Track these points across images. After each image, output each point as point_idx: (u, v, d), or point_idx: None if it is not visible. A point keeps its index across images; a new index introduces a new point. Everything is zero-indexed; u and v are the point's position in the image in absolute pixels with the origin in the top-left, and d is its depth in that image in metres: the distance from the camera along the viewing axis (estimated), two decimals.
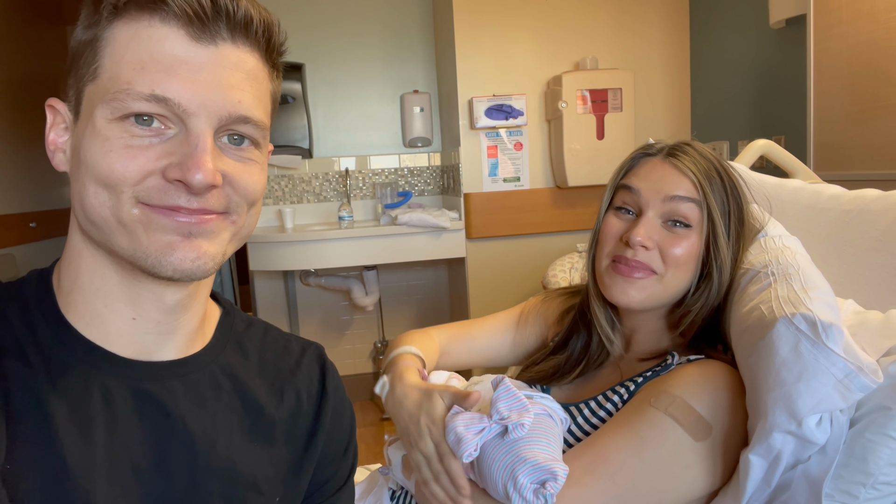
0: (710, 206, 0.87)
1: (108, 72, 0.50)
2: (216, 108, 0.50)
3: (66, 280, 0.56)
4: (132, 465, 0.53)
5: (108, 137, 0.49)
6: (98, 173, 0.49)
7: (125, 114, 0.49)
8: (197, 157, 0.49)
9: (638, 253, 0.87)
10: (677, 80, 2.88)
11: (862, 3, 1.73)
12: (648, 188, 0.89)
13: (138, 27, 0.49)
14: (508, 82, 2.71)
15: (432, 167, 3.15)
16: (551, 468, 0.71)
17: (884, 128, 1.71)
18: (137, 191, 0.50)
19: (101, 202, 0.50)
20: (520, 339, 1.12)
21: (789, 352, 0.72)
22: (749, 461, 0.74)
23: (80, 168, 0.51)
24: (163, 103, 0.49)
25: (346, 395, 0.73)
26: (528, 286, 2.76)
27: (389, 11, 3.02)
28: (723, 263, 0.87)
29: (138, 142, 0.49)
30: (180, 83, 0.49)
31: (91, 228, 0.52)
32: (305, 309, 3.14)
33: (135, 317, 0.55)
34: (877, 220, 0.99)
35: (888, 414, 0.71)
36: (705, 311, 0.89)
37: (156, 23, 0.49)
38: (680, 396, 0.79)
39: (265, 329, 0.69)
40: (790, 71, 2.24)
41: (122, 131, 0.49)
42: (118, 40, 0.50)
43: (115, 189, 0.49)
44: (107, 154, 0.49)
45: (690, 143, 0.92)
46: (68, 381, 0.52)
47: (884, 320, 0.81)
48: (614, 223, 0.92)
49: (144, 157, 0.49)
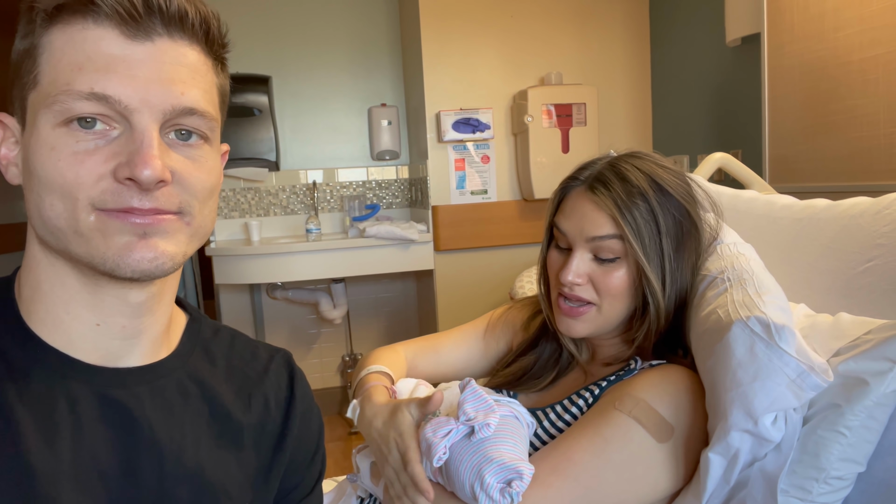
0: (628, 239, 0.86)
1: (46, 77, 0.50)
2: (158, 101, 0.50)
3: (26, 289, 0.55)
4: (99, 472, 0.52)
5: (53, 146, 0.49)
6: (50, 183, 0.49)
7: (68, 118, 0.49)
8: (143, 154, 0.49)
9: (574, 289, 0.91)
10: (639, 95, 2.96)
11: (812, 23, 1.81)
12: (573, 228, 0.91)
13: (72, 31, 0.50)
14: (475, 96, 2.75)
15: (400, 180, 3.17)
16: (517, 467, 0.72)
17: (833, 142, 1.79)
18: (92, 197, 0.49)
19: (56, 213, 0.50)
20: (488, 348, 1.13)
21: (745, 353, 0.75)
22: (709, 460, 0.77)
23: (31, 178, 0.51)
24: (103, 101, 0.49)
25: (315, 402, 0.73)
26: (496, 297, 2.78)
27: (357, 25, 3.04)
28: (654, 289, 0.88)
29: (84, 146, 0.49)
30: (119, 80, 0.49)
31: (49, 237, 0.52)
32: (272, 322, 3.11)
33: (98, 322, 0.55)
34: (826, 228, 1.03)
35: (838, 411, 0.74)
36: (653, 328, 0.91)
37: (89, 25, 0.49)
38: (643, 399, 0.82)
39: (232, 336, 0.69)
40: (746, 87, 2.32)
41: (67, 137, 0.49)
42: (54, 45, 0.50)
43: (69, 197, 0.49)
44: (56, 163, 0.49)
45: (619, 164, 0.91)
46: (33, 389, 0.52)
47: (833, 323, 0.85)
48: (555, 258, 0.95)
49: (92, 161, 0.49)
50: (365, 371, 1.00)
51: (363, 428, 0.90)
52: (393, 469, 0.81)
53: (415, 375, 1.09)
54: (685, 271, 0.91)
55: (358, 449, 0.98)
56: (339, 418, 3.13)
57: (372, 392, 0.93)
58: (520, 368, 1.02)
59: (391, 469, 0.82)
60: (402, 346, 1.12)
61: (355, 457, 0.97)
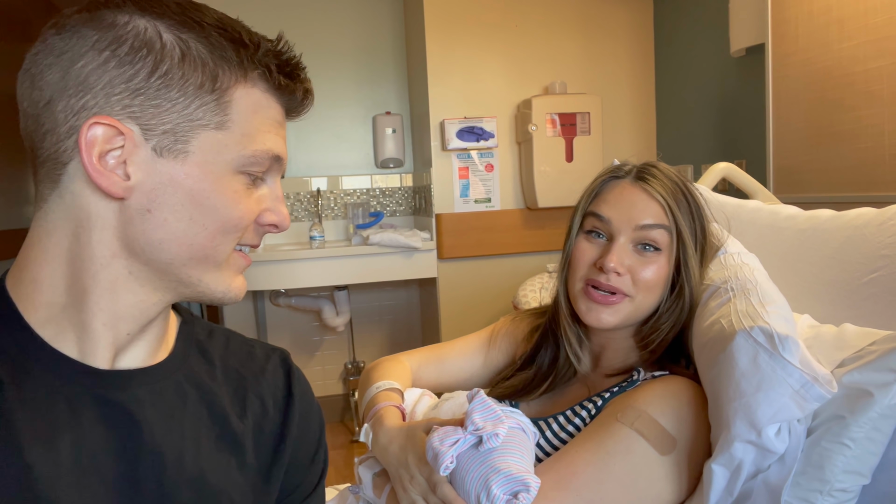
0: (681, 229, 0.90)
1: (238, 127, 0.55)
2: (286, 163, 0.62)
3: (57, 295, 0.54)
4: (100, 475, 0.52)
5: (236, 189, 0.56)
6: (231, 222, 0.56)
7: (246, 171, 0.57)
8: (283, 205, 0.61)
9: (612, 279, 0.90)
10: (643, 105, 2.96)
11: (817, 33, 1.81)
12: (619, 217, 0.91)
13: (262, 96, 0.57)
14: (479, 105, 2.76)
15: (404, 188, 3.17)
16: (524, 479, 0.72)
17: (838, 152, 1.78)
18: (241, 238, 0.59)
19: (217, 244, 0.57)
20: (490, 359, 1.13)
21: (748, 363, 0.74)
22: (712, 471, 0.76)
23: (196, 209, 0.55)
24: (278, 159, 0.59)
25: (315, 400, 0.73)
26: (498, 306, 2.78)
27: (362, 34, 3.05)
28: (694, 282, 0.90)
29: (246, 190, 0.58)
30: (284, 145, 0.60)
31: (178, 262, 0.56)
32: (275, 329, 3.11)
33: (129, 332, 0.57)
34: (830, 239, 1.03)
35: (842, 423, 0.74)
36: (676, 329, 0.91)
37: (273, 102, 0.58)
38: (645, 411, 0.81)
39: (228, 336, 0.69)
40: (750, 97, 2.33)
41: (243, 185, 0.57)
42: (245, 103, 0.56)
43: (233, 235, 0.57)
44: (237, 205, 0.56)
45: (656, 165, 0.95)
46: (33, 391, 0.52)
47: (837, 333, 0.84)
48: (586, 248, 0.94)
49: (251, 204, 0.58)
50: (374, 388, 0.99)
51: (378, 453, 0.89)
52: (419, 493, 0.81)
53: (419, 385, 1.09)
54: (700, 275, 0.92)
55: (360, 460, 0.97)
56: (341, 426, 3.13)
57: (383, 415, 0.92)
58: (520, 381, 1.02)
59: (415, 492, 0.81)
60: (406, 356, 1.12)
61: (357, 468, 0.97)
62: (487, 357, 1.13)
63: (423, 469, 0.80)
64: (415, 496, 0.81)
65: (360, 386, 1.05)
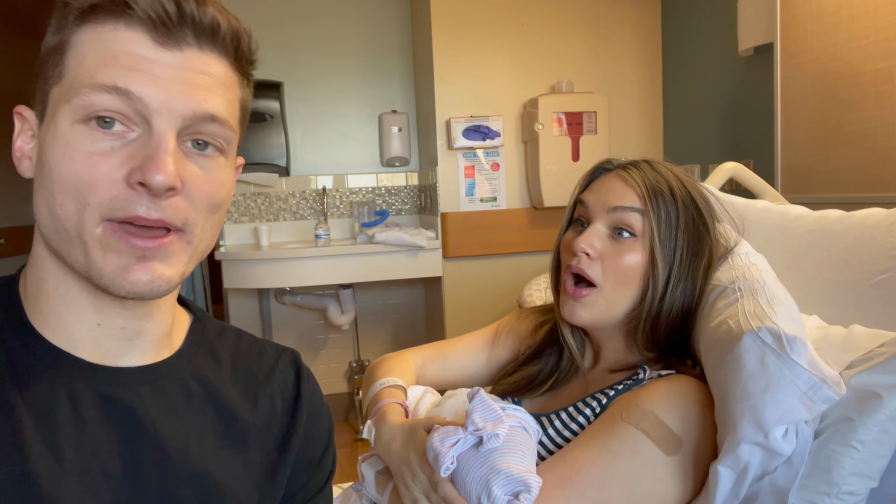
0: (651, 217, 0.89)
1: (71, 71, 0.50)
2: (180, 106, 0.50)
3: (31, 287, 0.55)
4: (103, 472, 0.52)
5: (69, 143, 0.49)
6: (63, 182, 0.49)
7: (87, 113, 0.49)
8: (158, 159, 0.49)
9: (581, 261, 0.90)
10: (650, 104, 2.95)
11: (826, 33, 1.80)
12: (596, 200, 0.93)
13: (103, 30, 0.50)
14: (486, 104, 2.75)
15: (410, 186, 3.17)
16: (525, 480, 0.71)
17: (847, 153, 1.77)
18: (102, 204, 0.49)
19: (66, 214, 0.50)
20: (494, 356, 1.13)
21: (756, 364, 0.74)
22: (718, 473, 0.76)
23: (43, 173, 0.51)
24: (124, 97, 0.49)
25: (324, 401, 0.72)
26: (504, 305, 2.77)
27: (368, 32, 3.05)
28: (658, 273, 0.89)
29: (100, 146, 0.49)
30: (143, 79, 0.49)
31: (52, 236, 0.52)
32: (280, 327, 3.12)
33: (99, 322, 0.55)
34: (839, 239, 1.02)
35: (851, 425, 0.73)
36: (650, 323, 0.90)
37: (121, 27, 0.50)
38: (651, 411, 0.81)
39: (238, 336, 0.69)
40: (758, 97, 2.31)
41: (83, 136, 0.49)
42: (82, 42, 0.50)
43: (80, 199, 0.49)
44: (71, 162, 0.49)
45: (649, 160, 0.96)
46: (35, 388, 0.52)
47: (846, 335, 0.84)
48: (569, 235, 0.96)
49: (107, 165, 0.49)
50: (378, 385, 0.99)
51: (381, 450, 0.89)
52: (421, 492, 0.81)
53: (423, 382, 1.09)
54: (695, 274, 0.91)
55: (363, 458, 0.97)
56: (346, 424, 3.13)
57: (386, 411, 0.92)
58: (523, 377, 1.01)
59: (417, 490, 0.81)
60: (411, 353, 1.12)
61: (360, 465, 0.96)
62: (491, 354, 1.13)
63: (424, 467, 0.80)
64: (417, 494, 0.81)
65: (364, 382, 1.05)
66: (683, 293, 0.90)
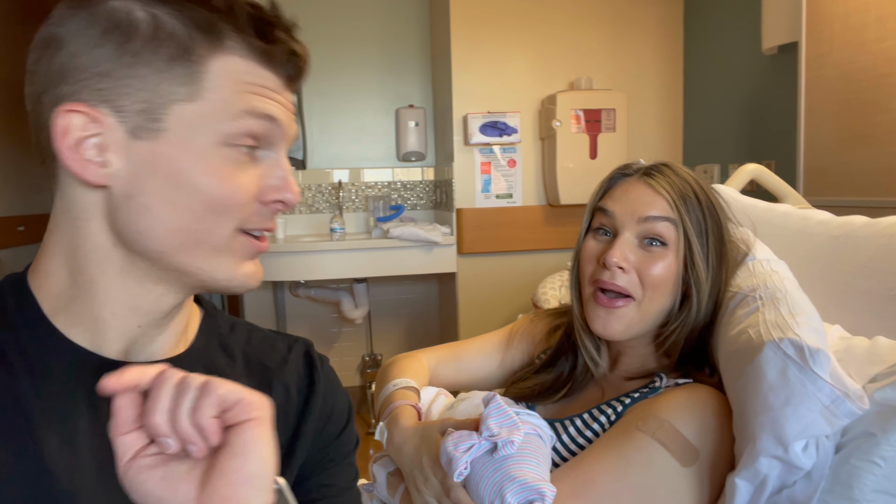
0: (686, 224, 0.87)
1: (216, 94, 0.52)
2: (293, 131, 0.58)
3: (67, 289, 0.55)
4: None
5: (219, 165, 0.52)
6: (216, 201, 0.52)
7: (238, 137, 0.53)
8: (289, 180, 0.57)
9: (616, 276, 0.87)
10: (670, 102, 2.91)
11: (853, 32, 1.76)
12: (623, 210, 0.90)
13: (248, 64, 0.54)
14: (503, 99, 2.73)
15: (425, 181, 3.16)
16: (539, 488, 0.70)
17: (873, 155, 1.73)
18: (241, 220, 0.54)
19: (209, 227, 0.53)
20: (508, 359, 1.12)
21: (777, 376, 0.72)
22: (735, 485, 0.74)
23: (177, 190, 0.52)
24: (271, 122, 0.55)
25: (340, 383, 0.72)
26: (518, 303, 2.76)
27: (387, 27, 3.04)
28: (700, 282, 0.87)
29: (243, 167, 0.54)
30: (280, 110, 0.56)
31: (171, 248, 0.53)
32: (294, 320, 3.13)
33: (140, 325, 0.56)
34: (864, 246, 0.99)
35: (873, 440, 0.71)
36: (686, 332, 0.89)
37: (260, 68, 0.55)
38: (668, 421, 0.79)
39: (249, 330, 0.69)
40: (782, 97, 2.27)
41: (230, 159, 0.53)
42: (225, 70, 0.53)
43: (226, 216, 0.53)
44: (223, 182, 0.52)
45: (668, 164, 0.93)
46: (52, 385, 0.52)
47: (870, 346, 0.82)
48: (592, 245, 0.93)
49: (249, 184, 0.54)
50: (391, 386, 0.98)
51: (392, 453, 0.89)
52: (433, 495, 0.80)
53: (436, 383, 1.08)
54: (721, 279, 0.89)
55: (375, 458, 0.97)
56: (358, 418, 3.14)
57: (399, 414, 0.91)
58: (538, 384, 1.00)
59: (429, 494, 0.80)
60: (424, 353, 1.11)
61: (372, 466, 0.96)
62: (505, 357, 1.12)
63: (437, 471, 0.79)
64: (429, 498, 0.80)
65: (378, 383, 1.05)
66: (714, 298, 0.89)
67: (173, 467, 0.47)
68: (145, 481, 0.46)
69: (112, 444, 0.48)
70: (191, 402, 0.45)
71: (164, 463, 0.47)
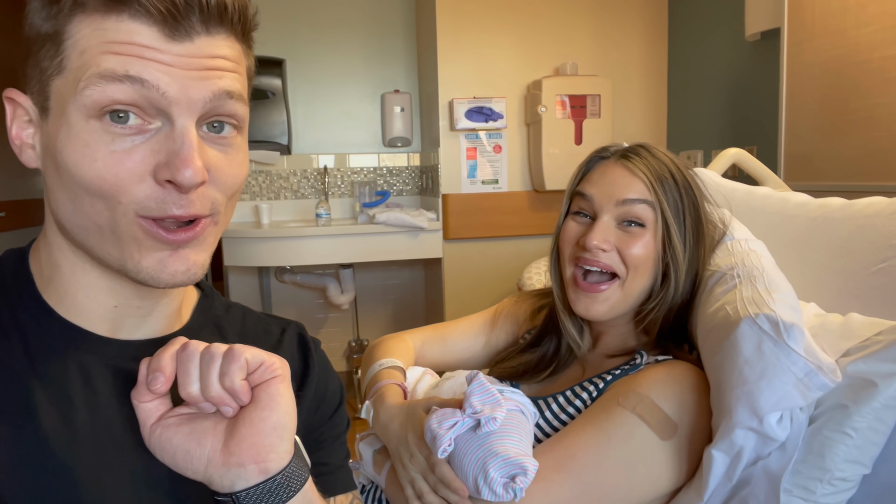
0: (663, 206, 0.89)
1: (74, 62, 0.47)
2: (197, 94, 0.48)
3: (46, 268, 0.56)
4: (115, 443, 0.53)
5: (87, 142, 0.47)
6: (88, 182, 0.47)
7: (101, 107, 0.47)
8: (185, 155, 0.47)
9: (598, 255, 0.89)
10: (654, 88, 2.93)
11: (834, 19, 1.78)
12: (601, 193, 0.91)
13: (105, 20, 0.47)
14: (489, 85, 2.73)
15: (411, 167, 3.16)
16: (522, 463, 0.72)
17: (851, 140, 1.76)
18: (135, 202, 0.48)
19: (97, 211, 0.49)
20: (493, 339, 1.13)
21: (752, 350, 0.74)
22: (712, 457, 0.76)
23: (59, 173, 0.49)
24: (139, 86, 0.46)
25: (331, 366, 0.72)
26: (503, 288, 2.78)
27: (372, 11, 3.02)
28: (678, 261, 0.89)
29: (121, 145, 0.47)
30: (156, 68, 0.47)
31: (79, 233, 0.51)
32: (280, 306, 3.12)
33: (116, 305, 0.56)
34: (840, 227, 1.02)
35: (845, 412, 0.74)
36: (665, 310, 0.91)
37: (125, 18, 0.47)
38: (647, 396, 0.81)
39: (244, 312, 0.70)
40: (764, 83, 2.29)
41: (101, 133, 0.47)
42: (83, 33, 0.47)
43: (111, 199, 0.48)
44: (92, 163, 0.47)
45: (645, 146, 0.94)
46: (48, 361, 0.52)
47: (843, 323, 0.84)
48: (572, 227, 0.94)
49: (132, 162, 0.47)
50: (377, 366, 0.99)
51: (378, 430, 0.90)
52: (418, 471, 0.81)
53: (422, 364, 1.09)
54: (700, 258, 0.91)
55: (361, 436, 0.98)
56: None
57: (385, 392, 0.92)
58: (522, 364, 1.02)
59: (414, 470, 0.82)
60: (409, 334, 1.12)
61: (358, 444, 0.97)
62: (490, 337, 1.13)
63: (422, 448, 0.81)
64: (414, 474, 0.82)
65: (364, 363, 1.06)
66: (692, 276, 0.90)
67: (199, 423, 0.52)
68: (172, 437, 0.51)
69: (136, 410, 0.52)
70: (218, 368, 0.49)
71: (189, 420, 0.52)
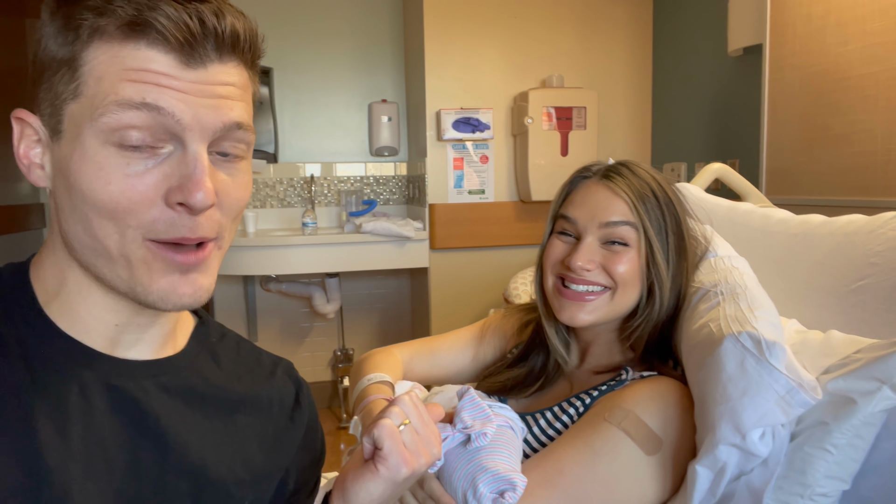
0: (646, 226, 0.90)
1: (91, 88, 0.49)
2: (210, 120, 0.50)
3: (52, 283, 0.56)
4: (106, 462, 0.53)
5: (102, 165, 0.49)
6: (101, 206, 0.49)
7: (119, 135, 0.48)
8: (197, 179, 0.49)
9: (584, 275, 0.91)
10: (639, 101, 2.97)
11: (815, 36, 1.82)
12: (584, 216, 0.92)
13: (123, 48, 0.48)
14: (476, 96, 2.75)
15: (398, 177, 3.17)
16: (511, 478, 0.72)
17: (831, 156, 1.79)
18: (144, 225, 0.50)
19: (106, 234, 0.50)
20: (480, 354, 1.14)
21: (735, 368, 0.75)
22: (696, 472, 0.77)
23: (71, 194, 0.51)
24: (155, 113, 0.48)
25: (318, 416, 0.74)
26: (489, 298, 2.79)
27: (360, 21, 3.03)
28: (662, 277, 0.91)
29: (135, 168, 0.49)
30: (171, 95, 0.49)
31: (89, 255, 0.52)
32: (265, 315, 3.11)
33: (117, 324, 0.56)
34: (821, 244, 1.04)
35: (825, 429, 0.75)
36: (651, 326, 0.92)
37: (142, 46, 0.48)
38: (633, 411, 0.82)
39: (238, 341, 0.71)
40: (746, 97, 2.33)
41: (117, 157, 0.49)
42: (100, 59, 0.49)
43: (121, 222, 0.49)
44: (106, 185, 0.49)
45: (626, 163, 0.95)
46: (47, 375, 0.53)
47: (824, 340, 0.86)
48: (557, 246, 0.96)
49: (144, 185, 0.49)
50: (365, 381, 1.00)
51: None
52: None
53: (410, 378, 1.10)
54: (683, 274, 0.92)
55: (348, 451, 0.98)
56: (329, 412, 3.13)
57: (373, 408, 0.93)
58: (510, 378, 1.03)
59: None
60: (398, 348, 1.12)
61: (345, 458, 0.97)
62: (478, 352, 1.14)
63: None
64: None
65: (352, 377, 1.06)
66: (676, 292, 0.92)
67: None
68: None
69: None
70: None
71: None
